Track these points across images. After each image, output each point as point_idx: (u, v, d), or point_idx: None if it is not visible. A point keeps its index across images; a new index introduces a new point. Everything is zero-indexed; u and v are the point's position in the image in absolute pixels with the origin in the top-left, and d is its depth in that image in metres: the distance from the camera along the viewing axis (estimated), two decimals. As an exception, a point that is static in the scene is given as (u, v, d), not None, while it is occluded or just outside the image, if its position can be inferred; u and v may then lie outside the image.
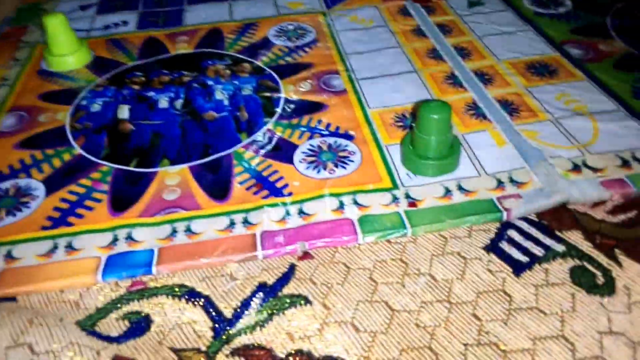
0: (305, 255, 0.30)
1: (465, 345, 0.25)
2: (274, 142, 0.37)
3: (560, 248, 0.29)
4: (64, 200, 0.33)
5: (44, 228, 0.31)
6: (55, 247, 0.30)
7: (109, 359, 0.24)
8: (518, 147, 0.35)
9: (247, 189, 0.33)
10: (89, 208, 0.32)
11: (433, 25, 0.49)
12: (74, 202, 0.33)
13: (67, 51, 0.46)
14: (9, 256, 0.29)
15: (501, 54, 0.45)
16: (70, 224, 0.31)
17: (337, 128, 0.38)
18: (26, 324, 0.25)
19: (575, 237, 0.29)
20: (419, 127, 0.32)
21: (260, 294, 0.28)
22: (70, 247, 0.30)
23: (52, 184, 0.34)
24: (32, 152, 0.37)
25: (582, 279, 0.27)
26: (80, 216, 0.32)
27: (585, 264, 0.28)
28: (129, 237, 0.30)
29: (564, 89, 0.40)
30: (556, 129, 0.36)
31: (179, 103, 0.41)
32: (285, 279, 0.28)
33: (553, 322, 0.25)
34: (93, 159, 0.36)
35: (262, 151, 0.36)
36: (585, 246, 0.29)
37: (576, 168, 0.33)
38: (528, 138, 0.36)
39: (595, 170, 0.33)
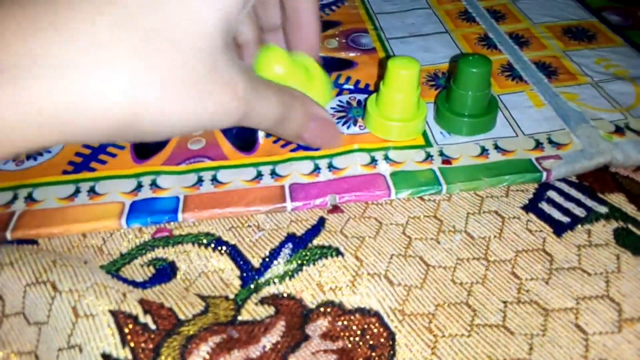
0: (335, 209, 0.29)
1: (504, 302, 0.24)
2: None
3: (603, 210, 0.28)
4: (85, 145, 0.32)
5: (66, 172, 0.30)
6: (78, 191, 0.29)
7: (136, 301, 0.23)
8: (557, 109, 0.34)
9: (275, 142, 0.32)
10: (112, 154, 0.31)
11: (465, -13, 0.48)
12: (96, 148, 0.31)
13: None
14: (30, 198, 0.28)
15: (536, 18, 0.43)
16: (92, 169, 0.30)
17: (367, 85, 0.37)
18: (50, 263, 0.24)
19: (618, 200, 0.28)
20: (456, 82, 0.31)
21: (290, 245, 0.27)
22: (93, 192, 0.29)
23: (73, 130, 0.33)
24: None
25: (627, 240, 0.26)
26: (103, 162, 0.31)
27: (630, 226, 0.27)
28: (154, 184, 0.29)
29: (604, 54, 0.39)
30: (597, 92, 0.35)
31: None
32: (315, 230, 0.27)
33: (597, 282, 0.24)
34: (115, 107, 0.35)
35: (290, 105, 0.35)
36: (630, 209, 0.28)
37: (619, 130, 0.31)
38: (567, 100, 0.34)
39: (639, 133, 0.31)
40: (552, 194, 0.29)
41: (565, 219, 0.27)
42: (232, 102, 0.22)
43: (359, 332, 0.23)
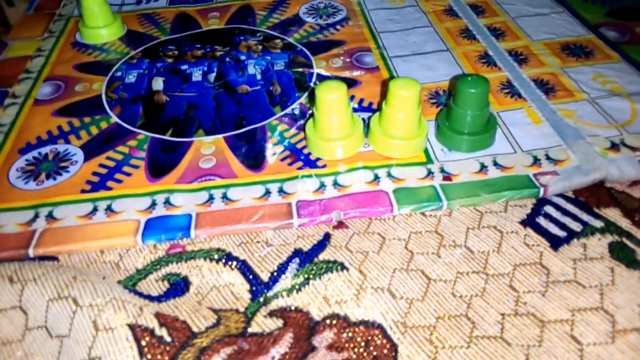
0: (340, 225, 0.30)
1: (502, 315, 0.25)
2: (307, 116, 0.37)
3: (598, 224, 0.29)
4: (102, 165, 0.33)
5: (84, 191, 0.31)
6: (96, 209, 0.30)
7: (152, 315, 0.25)
8: (554, 126, 0.35)
9: (282, 160, 0.33)
10: (127, 174, 0.33)
11: (465, 5, 0.49)
12: (112, 168, 0.33)
13: (101, 24, 0.46)
14: (51, 217, 0.30)
15: (535, 35, 0.44)
16: (109, 188, 0.32)
17: (370, 104, 0.38)
18: (70, 279, 0.26)
19: (613, 214, 0.29)
20: (456, 101, 0.32)
21: (297, 260, 0.28)
22: (110, 210, 0.30)
23: (90, 150, 0.35)
24: (69, 120, 0.37)
25: (621, 254, 0.27)
26: (119, 181, 0.32)
27: (624, 240, 0.28)
28: (167, 202, 0.31)
29: (600, 70, 0.40)
30: (593, 108, 0.36)
31: (212, 77, 0.41)
32: (320, 246, 0.29)
33: (592, 295, 0.25)
34: (129, 127, 0.36)
35: (296, 124, 0.36)
36: (624, 223, 0.29)
37: (614, 147, 0.32)
38: (564, 117, 0.35)
39: (634, 149, 0.32)
40: (549, 209, 0.30)
41: (562, 233, 0.28)
42: None
43: (363, 344, 0.24)
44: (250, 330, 0.25)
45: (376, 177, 0.32)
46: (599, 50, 0.42)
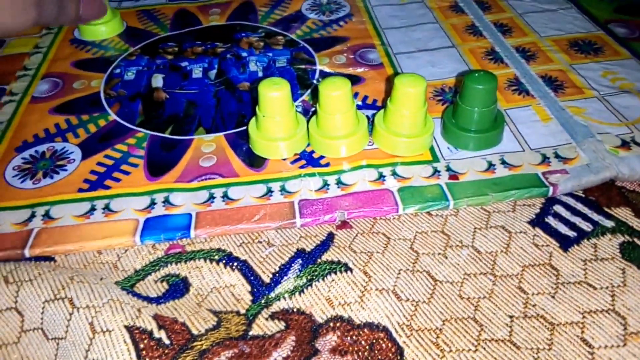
0: (344, 225, 0.29)
1: (511, 317, 0.24)
2: (310, 114, 0.36)
3: (609, 224, 0.28)
4: (100, 164, 0.33)
5: (81, 190, 0.31)
6: (93, 209, 0.30)
7: (150, 317, 0.24)
8: (563, 123, 0.34)
9: (284, 158, 0.33)
10: (126, 172, 0.32)
11: (471, 1, 0.48)
12: (110, 166, 0.32)
13: (100, 20, 0.46)
14: (47, 216, 0.29)
15: (543, 31, 0.44)
16: (107, 187, 0.31)
17: (375, 101, 0.37)
18: (67, 280, 0.25)
19: (624, 214, 0.28)
20: (462, 98, 0.31)
21: (299, 260, 0.27)
22: (108, 209, 0.29)
23: (88, 149, 0.34)
24: (67, 117, 0.37)
25: (632, 255, 0.26)
26: (117, 180, 0.31)
27: (636, 240, 0.27)
28: (167, 201, 0.30)
29: (610, 67, 0.39)
30: (603, 106, 0.35)
31: (212, 73, 0.41)
32: (324, 246, 0.28)
33: (603, 296, 0.25)
34: (128, 125, 0.36)
35: (299, 121, 0.35)
36: (636, 223, 0.28)
37: (625, 145, 0.32)
38: (574, 114, 0.34)
39: (645, 147, 0.31)
40: (558, 208, 0.29)
41: (572, 234, 0.28)
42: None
43: (367, 347, 0.23)
44: (251, 332, 0.24)
45: (381, 176, 0.31)
46: (608, 46, 0.41)
